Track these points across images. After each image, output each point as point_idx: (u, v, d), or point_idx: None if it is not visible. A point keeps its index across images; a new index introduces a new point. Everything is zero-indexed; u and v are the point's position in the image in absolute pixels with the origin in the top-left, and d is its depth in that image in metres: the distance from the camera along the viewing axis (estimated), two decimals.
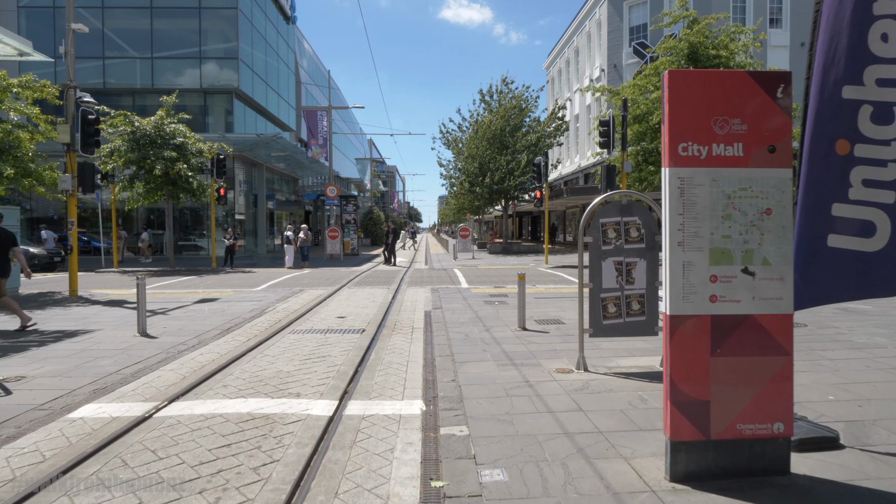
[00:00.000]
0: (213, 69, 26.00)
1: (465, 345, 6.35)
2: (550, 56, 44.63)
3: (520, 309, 7.32)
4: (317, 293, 11.67)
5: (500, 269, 17.85)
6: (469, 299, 10.42)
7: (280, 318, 8.51)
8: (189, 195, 18.82)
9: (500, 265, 19.73)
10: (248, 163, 27.77)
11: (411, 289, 12.41)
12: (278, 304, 10.08)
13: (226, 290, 12.29)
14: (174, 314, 8.92)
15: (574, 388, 4.56)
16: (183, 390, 4.53)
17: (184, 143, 18.24)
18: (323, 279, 15.01)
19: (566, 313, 8.61)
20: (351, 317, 8.51)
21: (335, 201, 25.70)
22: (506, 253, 28.04)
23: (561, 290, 11.97)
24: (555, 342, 6.45)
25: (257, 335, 7.09)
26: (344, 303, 10.16)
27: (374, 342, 6.62)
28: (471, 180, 28.41)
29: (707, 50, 18.34)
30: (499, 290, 11.81)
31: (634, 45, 29.76)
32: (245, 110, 28.17)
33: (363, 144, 67.18)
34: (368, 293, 11.63)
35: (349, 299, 10.66)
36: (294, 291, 11.99)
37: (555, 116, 29.27)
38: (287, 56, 34.84)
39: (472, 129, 29.76)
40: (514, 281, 13.94)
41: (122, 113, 17.53)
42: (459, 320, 8.07)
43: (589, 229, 5.12)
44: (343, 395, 4.43)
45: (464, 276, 15.60)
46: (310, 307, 9.51)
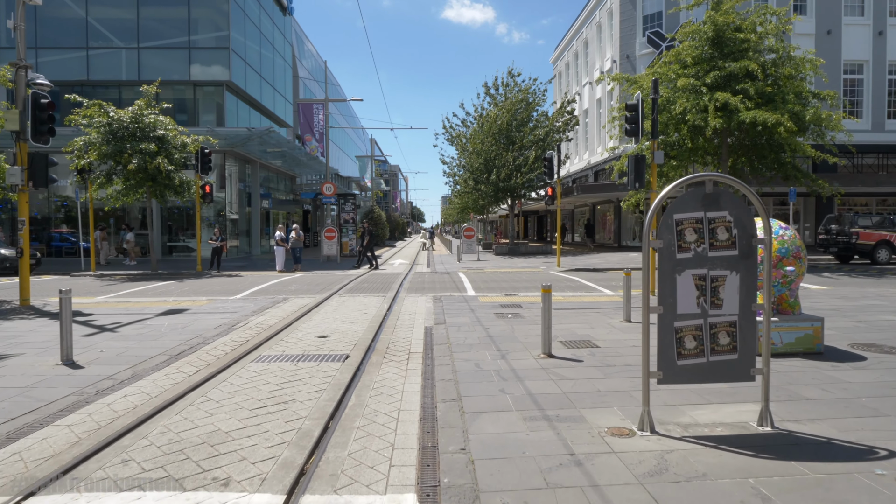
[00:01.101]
0: (204, 60, 24.56)
1: (475, 381, 4.83)
2: (557, 49, 43.04)
3: (544, 330, 5.79)
4: (302, 302, 10.17)
5: (509, 273, 16.32)
6: (477, 311, 8.90)
7: (249, 337, 7.02)
8: (172, 193, 17.38)
9: (508, 268, 18.21)
10: (242, 160, 26.33)
11: (410, 297, 10.89)
12: (253, 317, 8.58)
13: (199, 299, 10.81)
14: (125, 331, 7.44)
15: (646, 469, 3.03)
16: (55, 472, 3.03)
17: (165, 135, 16.80)
18: (313, 284, 13.51)
19: (597, 331, 7.07)
20: (335, 336, 7.00)
21: (332, 199, 24.22)
22: (512, 254, 26.50)
23: (582, 298, 10.42)
24: (594, 377, 4.93)
25: (211, 364, 5.59)
26: (331, 316, 8.66)
27: (357, 375, 5.11)
28: (475, 177, 26.87)
29: (734, 33, 16.77)
30: (510, 299, 10.28)
31: (649, 35, 28.17)
32: (238, 104, 26.72)
33: (364, 142, 65.76)
34: (361, 303, 10.13)
35: (337, 311, 9.15)
36: (277, 300, 10.50)
37: (564, 110, 27.71)
38: (283, 49, 33.38)
39: (476, 124, 28.23)
40: (527, 287, 12.42)
41: (96, 103, 16.09)
42: (467, 341, 6.55)
43: (658, 229, 3.60)
44: (295, 484, 2.91)
45: (469, 281, 14.08)
46: (289, 321, 8.01)
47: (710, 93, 16.12)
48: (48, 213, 24.47)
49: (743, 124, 15.93)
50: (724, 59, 16.81)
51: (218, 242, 17.79)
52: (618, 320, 7.92)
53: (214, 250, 17.81)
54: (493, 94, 28.19)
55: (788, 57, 16.87)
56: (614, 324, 7.64)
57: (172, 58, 24.40)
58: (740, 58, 16.47)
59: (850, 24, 26.46)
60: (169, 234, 25.10)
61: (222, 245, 17.89)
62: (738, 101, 15.12)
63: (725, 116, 15.75)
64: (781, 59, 16.91)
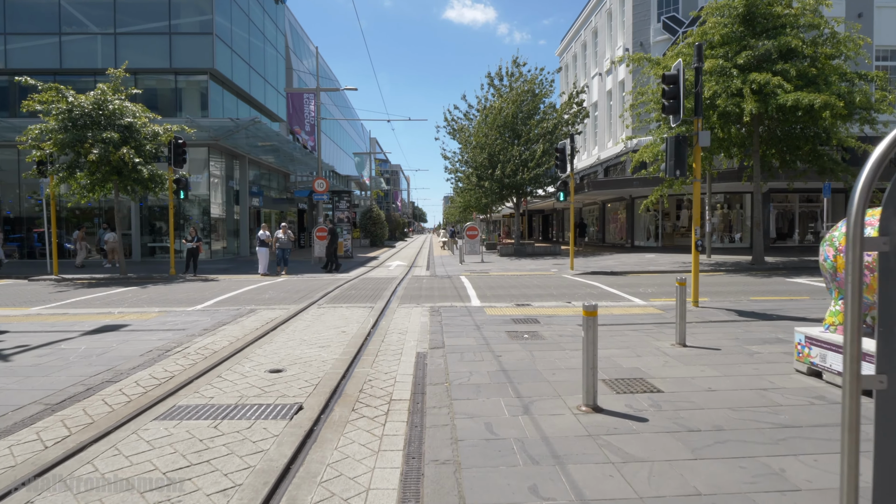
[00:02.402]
0: (186, 46, 22.78)
1: (488, 464, 3.02)
2: (564, 41, 41.17)
3: (588, 371, 3.94)
4: (271, 315, 8.36)
5: (518, 278, 14.49)
6: (484, 328, 7.08)
7: (179, 370, 5.21)
8: (142, 188, 15.59)
9: (516, 271, 16.38)
10: (229, 154, 24.56)
11: (403, 308, 9.07)
12: (200, 338, 6.77)
13: (150, 311, 9.01)
14: (21, 359, 5.64)
15: None
16: None
17: (133, 124, 15.03)
18: (293, 291, 11.71)
19: (648, 362, 5.24)
20: (294, 369, 5.19)
21: (325, 196, 22.42)
22: (519, 255, 24.65)
23: (611, 310, 8.59)
24: (677, 456, 3.09)
25: (89, 426, 3.77)
26: (299, 335, 6.84)
27: (304, 449, 3.30)
28: (479, 173, 25.03)
29: (768, 7, 14.92)
30: (524, 312, 8.46)
31: (664, 20, 26.33)
32: (224, 95, 24.94)
33: (364, 140, 63.98)
34: (342, 316, 8.31)
35: (310, 328, 7.34)
36: (241, 313, 8.69)
37: (573, 101, 25.85)
38: (276, 39, 31.60)
39: (480, 116, 26.39)
40: (541, 295, 10.58)
41: (52, 86, 14.31)
42: (473, 378, 4.73)
43: (885, 219, 1.74)
44: None
45: (473, 287, 12.25)
46: (243, 345, 6.20)
47: (742, 75, 14.29)
48: (36, 213, 22.70)
49: (782, 109, 14.09)
50: (757, 38, 14.98)
51: (193, 243, 16.00)
52: (667, 343, 6.09)
53: (190, 252, 16.03)
54: (498, 84, 26.35)
55: (831, 35, 15.01)
56: (665, 349, 5.81)
57: (152, 44, 22.63)
58: (775, 36, 14.63)
59: (883, 6, 24.57)
60: (151, 234, 23.35)
61: (197, 246, 16.09)
62: (779, 82, 13.26)
63: (761, 101, 13.91)
64: (823, 36, 15.06)
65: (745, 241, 25.25)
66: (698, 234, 8.64)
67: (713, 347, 5.85)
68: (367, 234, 41.22)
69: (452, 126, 27.40)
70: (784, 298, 9.78)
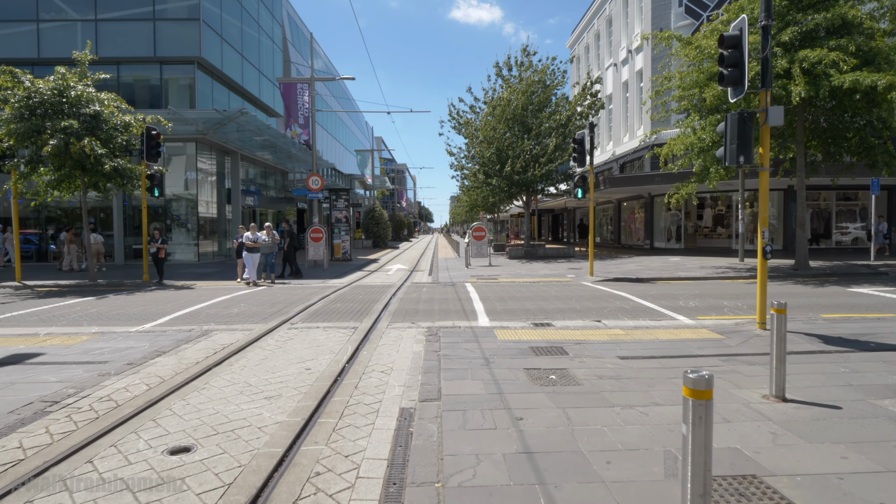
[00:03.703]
0: (171, 33, 21.19)
1: None
2: (575, 32, 39.25)
3: (696, 484, 2.16)
4: (225, 340, 6.65)
5: (532, 286, 12.71)
6: (495, 363, 5.32)
7: (35, 447, 3.50)
8: (114, 184, 13.98)
9: (528, 276, 14.60)
10: (219, 150, 22.96)
11: (394, 329, 7.33)
12: (116, 378, 5.06)
13: (84, 333, 7.33)
14: None
15: None
16: None
17: (99, 112, 13.42)
18: (269, 304, 10.00)
19: (743, 433, 3.44)
20: (209, 446, 3.45)
21: (319, 195, 20.72)
22: (529, 258, 22.84)
23: (654, 333, 6.78)
24: None
25: None
26: (246, 375, 5.11)
27: None
28: (486, 170, 23.25)
29: None
30: (545, 336, 6.68)
31: (686, 3, 24.42)
32: (213, 86, 23.34)
33: (368, 138, 62.36)
34: (314, 342, 6.58)
35: (265, 363, 5.60)
36: (192, 336, 6.98)
37: (587, 92, 23.96)
38: (272, 29, 30.00)
39: (487, 109, 24.57)
40: (562, 309, 8.77)
41: (6, 69, 12.72)
42: (481, 473, 2.97)
43: None
44: None
45: (481, 299, 10.48)
46: (163, 392, 4.49)
47: (788, 54, 12.43)
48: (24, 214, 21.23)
49: (835, 93, 12.22)
50: (803, 12, 13.13)
51: (156, 245, 14.16)
52: (756, 394, 4.31)
53: (153, 256, 14.26)
54: (506, 75, 24.53)
55: (892, 8, 13.09)
56: (759, 406, 4.02)
57: (135, 31, 21.06)
58: (827, 8, 12.76)
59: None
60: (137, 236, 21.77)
61: (160, 249, 14.20)
62: (838, 57, 11.38)
63: (811, 83, 12.05)
64: (884, 9, 13.15)
65: (777, 242, 23.27)
66: (765, 239, 6.81)
67: (828, 404, 4.06)
68: (369, 235, 39.55)
69: (458, 120, 25.63)
70: (865, 316, 7.93)
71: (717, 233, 24.97)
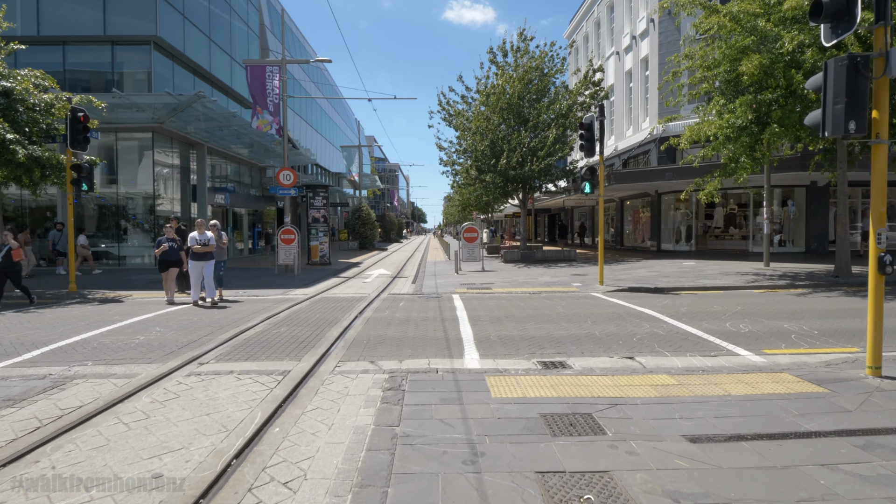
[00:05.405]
0: (124, 9, 18.82)
1: None
2: (574, 20, 37.14)
3: None
4: (76, 400, 4.37)
5: (532, 298, 10.50)
6: (487, 460, 3.09)
7: None
8: (33, 176, 11.66)
9: (527, 285, 12.40)
10: (183, 142, 20.62)
11: (340, 377, 5.06)
12: None
13: None
14: None
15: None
16: None
17: (9, 89, 11.11)
18: (192, 328, 7.70)
19: None
20: None
21: (291, 192, 18.42)
22: (527, 261, 20.66)
23: (722, 382, 4.57)
24: None
25: None
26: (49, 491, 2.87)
27: None
28: (479, 165, 21.05)
29: None
30: (561, 389, 4.46)
31: None
32: (174, 70, 20.97)
33: (356, 133, 59.96)
34: (208, 404, 4.31)
35: (98, 455, 3.35)
36: (33, 390, 4.70)
37: (588, 81, 21.80)
38: (246, 13, 27.65)
39: (480, 98, 22.36)
40: (575, 335, 6.47)
41: None
42: None
43: None
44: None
45: (470, 319, 8.24)
46: None
47: None
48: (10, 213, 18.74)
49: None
50: None
51: (2, 251, 10.18)
52: None
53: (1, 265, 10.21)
54: (501, 62, 22.33)
55: None
56: None
57: (82, 6, 18.68)
58: None
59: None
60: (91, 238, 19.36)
61: (12, 253, 10.21)
62: None
63: None
64: None
65: (797, 244, 21.25)
66: (881, 244, 4.64)
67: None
68: (356, 236, 37.26)
69: (448, 111, 23.40)
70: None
71: (730, 234, 22.93)
